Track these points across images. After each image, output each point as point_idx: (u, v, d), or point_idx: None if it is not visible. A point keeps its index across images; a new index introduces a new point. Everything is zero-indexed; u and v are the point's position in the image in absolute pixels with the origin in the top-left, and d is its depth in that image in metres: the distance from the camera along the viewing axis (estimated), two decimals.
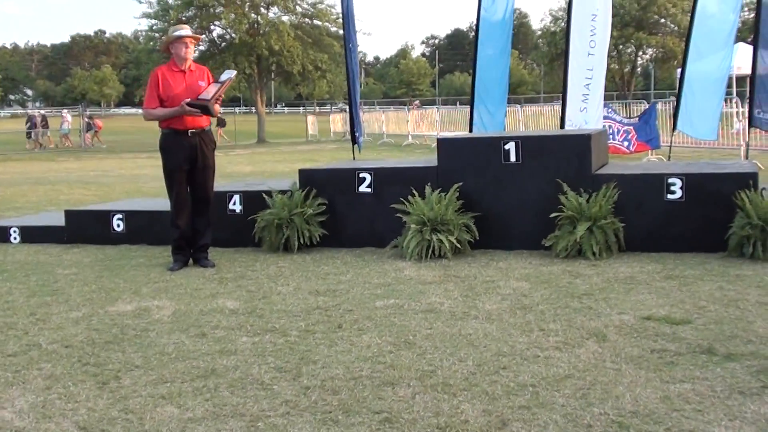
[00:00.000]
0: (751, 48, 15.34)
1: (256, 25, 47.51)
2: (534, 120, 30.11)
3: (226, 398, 4.73)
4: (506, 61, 16.55)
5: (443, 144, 9.37)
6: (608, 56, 15.77)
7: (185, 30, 8.90)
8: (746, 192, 8.04)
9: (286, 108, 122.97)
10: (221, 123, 48.32)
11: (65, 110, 57.95)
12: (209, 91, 8.68)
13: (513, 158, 8.89)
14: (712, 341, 5.35)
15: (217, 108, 8.73)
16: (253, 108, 58.59)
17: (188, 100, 8.54)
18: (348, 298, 7.07)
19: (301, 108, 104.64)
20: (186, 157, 8.71)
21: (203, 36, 48.37)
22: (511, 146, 8.89)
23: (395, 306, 6.72)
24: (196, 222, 8.95)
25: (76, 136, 50.10)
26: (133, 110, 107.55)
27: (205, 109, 8.59)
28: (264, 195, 9.62)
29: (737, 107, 22.13)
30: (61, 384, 5.09)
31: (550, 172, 8.75)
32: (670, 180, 8.41)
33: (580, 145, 8.79)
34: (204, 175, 8.89)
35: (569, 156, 8.77)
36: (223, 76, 8.97)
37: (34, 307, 7.20)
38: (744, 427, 3.99)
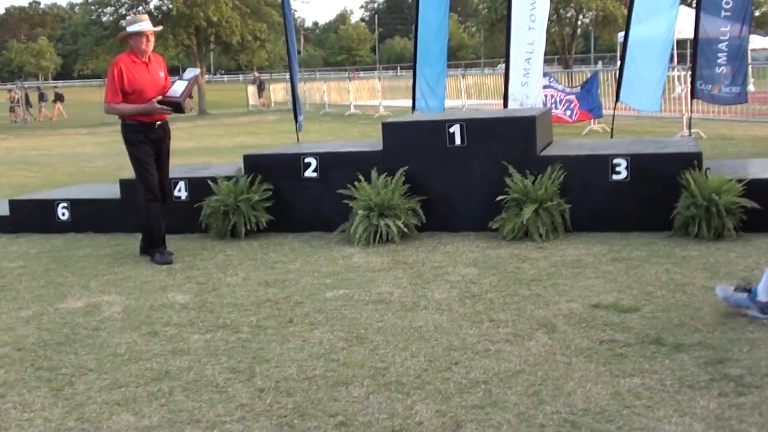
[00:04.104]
0: (692, 12, 15.26)
1: None
2: (476, 90, 30.15)
3: (181, 403, 4.72)
4: (445, 33, 16.54)
5: (388, 128, 9.36)
6: (549, 20, 15.77)
7: (145, 24, 8.49)
8: (690, 172, 8.13)
9: (225, 76, 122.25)
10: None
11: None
12: (177, 89, 8.55)
13: (458, 141, 8.91)
14: (660, 330, 5.43)
15: (189, 103, 8.58)
16: None
17: (159, 98, 8.39)
18: (298, 289, 7.07)
19: (241, 76, 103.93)
20: (153, 148, 8.56)
21: (141, 8, 47.77)
22: (456, 129, 8.91)
23: (345, 297, 6.74)
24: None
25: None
26: (71, 83, 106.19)
27: (178, 107, 8.49)
28: (209, 181, 9.58)
29: (678, 71, 22.23)
30: (15, 391, 5.05)
31: (496, 154, 8.78)
32: (615, 161, 8.49)
33: (525, 127, 8.83)
34: (166, 164, 8.83)
35: (515, 138, 8.81)
36: (188, 74, 8.79)
37: None
38: (694, 424, 4.05)
